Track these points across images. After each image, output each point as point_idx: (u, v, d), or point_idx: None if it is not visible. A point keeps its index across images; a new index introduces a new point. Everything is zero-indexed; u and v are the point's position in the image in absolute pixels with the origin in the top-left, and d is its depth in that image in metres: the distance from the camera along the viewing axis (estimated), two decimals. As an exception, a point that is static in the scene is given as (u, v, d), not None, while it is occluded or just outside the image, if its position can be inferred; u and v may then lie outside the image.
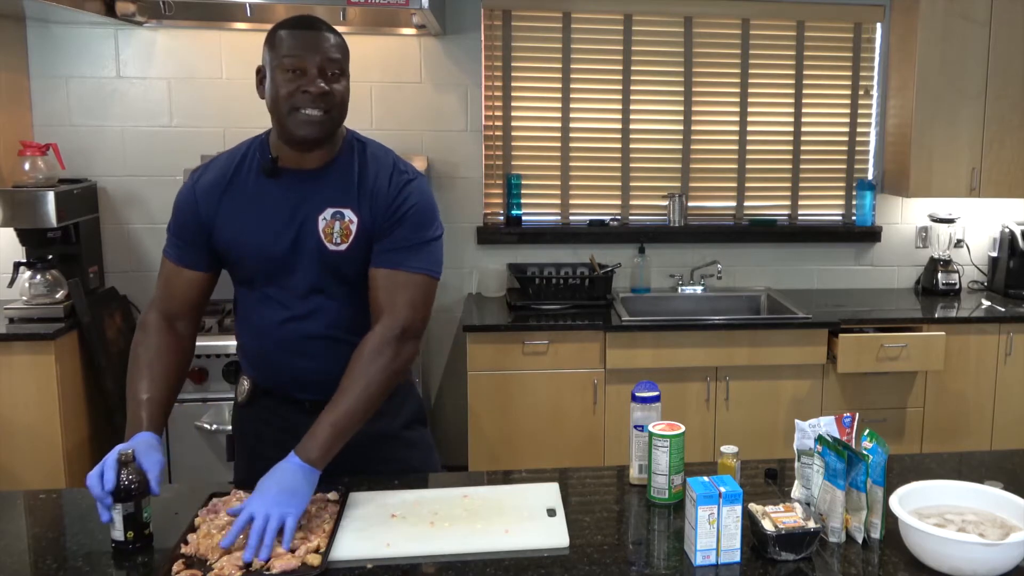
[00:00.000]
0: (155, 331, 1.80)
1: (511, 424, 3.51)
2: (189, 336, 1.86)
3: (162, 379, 1.76)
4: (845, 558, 1.51)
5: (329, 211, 1.74)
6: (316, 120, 1.67)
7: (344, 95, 1.72)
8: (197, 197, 1.80)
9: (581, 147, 4.04)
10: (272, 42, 1.69)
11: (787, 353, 3.57)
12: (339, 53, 1.70)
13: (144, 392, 1.72)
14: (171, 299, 1.83)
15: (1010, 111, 3.87)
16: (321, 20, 1.70)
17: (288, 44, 1.66)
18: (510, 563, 1.48)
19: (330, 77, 1.68)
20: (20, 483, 3.12)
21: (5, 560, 1.50)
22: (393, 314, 1.72)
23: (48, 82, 3.63)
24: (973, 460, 2.01)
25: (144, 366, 1.76)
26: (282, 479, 1.55)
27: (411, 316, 1.73)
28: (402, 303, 1.73)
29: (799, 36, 4.09)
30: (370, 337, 1.71)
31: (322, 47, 1.67)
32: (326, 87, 1.67)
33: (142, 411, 1.69)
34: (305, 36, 1.66)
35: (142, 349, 1.78)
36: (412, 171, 1.81)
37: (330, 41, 1.68)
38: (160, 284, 1.85)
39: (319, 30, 1.68)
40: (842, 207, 4.24)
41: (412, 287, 1.74)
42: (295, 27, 1.67)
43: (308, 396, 1.82)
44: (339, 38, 1.71)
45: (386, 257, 1.74)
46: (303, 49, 1.66)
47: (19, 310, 3.25)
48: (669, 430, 1.69)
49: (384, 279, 1.74)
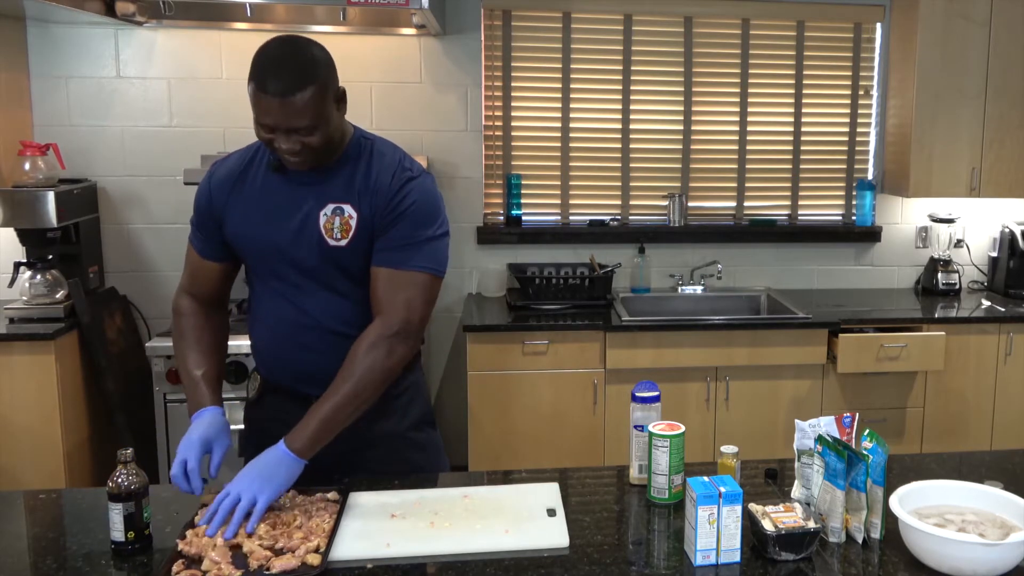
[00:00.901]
0: (191, 312, 1.89)
1: (511, 424, 3.51)
2: (221, 317, 1.95)
3: (212, 352, 1.85)
4: (845, 558, 1.52)
5: (330, 207, 1.76)
6: (298, 161, 1.71)
7: (322, 139, 1.69)
8: (211, 191, 1.85)
9: (581, 147, 4.04)
10: (249, 85, 1.64)
11: (787, 353, 3.57)
12: (308, 116, 1.63)
13: (198, 368, 1.81)
14: (198, 286, 1.91)
15: (1010, 111, 3.87)
16: (294, 76, 1.61)
17: (260, 106, 1.63)
18: (510, 563, 1.48)
19: (303, 131, 1.65)
20: (20, 483, 3.12)
21: (5, 560, 1.50)
22: (390, 313, 1.73)
23: (48, 82, 3.63)
24: (973, 460, 2.01)
25: (193, 342, 1.85)
26: (264, 464, 1.61)
27: (407, 316, 1.74)
28: (400, 302, 1.74)
29: (799, 36, 4.09)
30: (366, 334, 1.73)
31: (289, 116, 1.62)
32: (298, 145, 1.66)
33: (201, 385, 1.79)
34: (273, 104, 1.61)
35: (186, 328, 1.87)
36: (417, 169, 1.81)
37: (297, 106, 1.61)
38: (187, 271, 1.92)
39: (287, 96, 1.60)
40: (842, 207, 4.25)
41: (411, 286, 1.75)
42: (265, 90, 1.60)
43: (314, 392, 1.83)
44: (310, 93, 1.62)
45: (387, 256, 1.75)
46: (272, 117, 1.63)
47: (19, 310, 3.25)
48: (669, 430, 1.69)
49: (384, 278, 1.75)
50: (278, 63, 1.63)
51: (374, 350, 1.70)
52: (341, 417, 1.67)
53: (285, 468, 1.61)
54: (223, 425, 1.74)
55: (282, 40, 1.68)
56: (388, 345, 1.71)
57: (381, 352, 1.70)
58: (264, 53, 1.65)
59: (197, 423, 1.72)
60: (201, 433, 1.69)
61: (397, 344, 1.72)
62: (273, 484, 1.58)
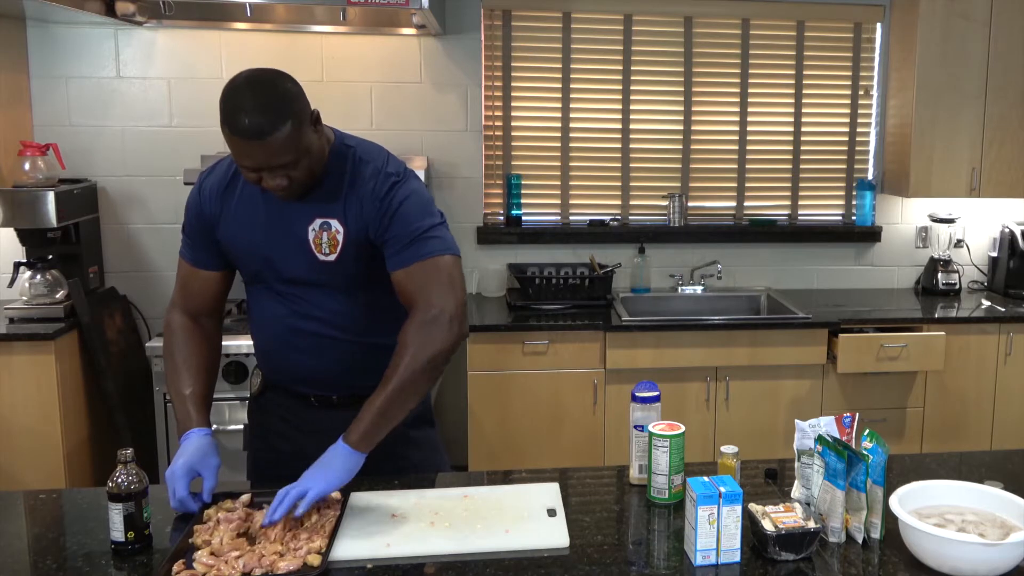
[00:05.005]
0: (182, 328, 1.87)
1: (511, 424, 3.51)
2: (215, 329, 1.93)
3: (200, 372, 1.83)
4: (845, 558, 1.52)
5: (317, 221, 1.75)
6: (286, 195, 1.70)
7: (307, 168, 1.68)
8: (202, 198, 1.84)
9: (581, 147, 4.04)
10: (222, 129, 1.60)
11: (787, 353, 3.57)
12: (290, 152, 1.61)
13: (186, 387, 1.80)
14: (191, 298, 1.89)
15: (1010, 111, 3.87)
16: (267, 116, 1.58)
17: (238, 150, 1.61)
18: (510, 563, 1.48)
19: (288, 166, 1.64)
20: (20, 483, 3.12)
21: (5, 560, 1.50)
22: (424, 301, 1.72)
23: (48, 82, 3.63)
24: (973, 460, 2.01)
25: (180, 362, 1.83)
26: (323, 458, 1.62)
27: (441, 298, 1.72)
28: (431, 289, 1.72)
29: (799, 36, 4.08)
30: (406, 325, 1.71)
31: (270, 156, 1.60)
32: (285, 180, 1.65)
33: (188, 406, 1.78)
34: (251, 147, 1.59)
35: (175, 348, 1.85)
36: (399, 170, 1.80)
37: (276, 146, 1.59)
38: (179, 284, 1.90)
39: (264, 138, 1.57)
40: (842, 207, 4.24)
41: (434, 272, 1.74)
42: (240, 135, 1.58)
43: (312, 391, 1.85)
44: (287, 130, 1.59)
45: (397, 258, 1.75)
46: (253, 159, 1.61)
47: (19, 310, 3.25)
48: (669, 430, 1.69)
49: (405, 278, 1.74)
50: (248, 105, 1.58)
51: (415, 340, 1.68)
52: (394, 408, 1.66)
53: (339, 459, 1.61)
54: (208, 447, 1.72)
55: (247, 79, 1.63)
56: (426, 332, 1.69)
57: (421, 339, 1.68)
58: (232, 96, 1.60)
59: (183, 448, 1.71)
60: (185, 461, 1.67)
61: (436, 329, 1.69)
62: (329, 474, 1.59)
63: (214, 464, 1.70)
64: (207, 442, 1.72)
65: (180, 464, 1.67)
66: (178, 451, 1.71)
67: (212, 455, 1.71)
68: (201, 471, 1.68)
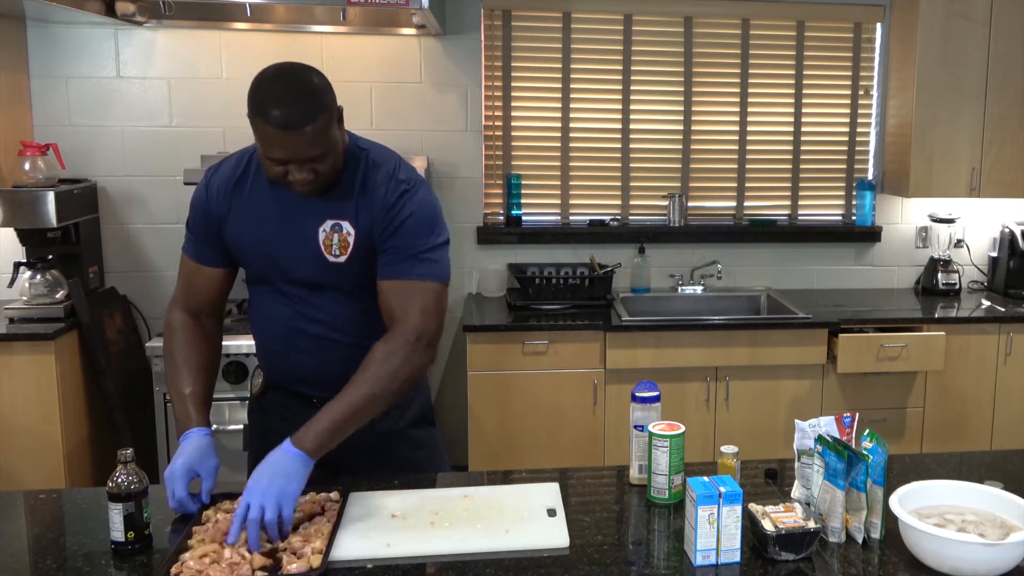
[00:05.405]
0: (182, 327, 1.86)
1: (511, 424, 3.51)
2: (215, 328, 1.92)
3: (200, 371, 1.82)
4: (845, 558, 1.51)
5: (328, 223, 1.75)
6: (309, 190, 1.69)
7: (332, 163, 1.68)
8: (209, 195, 1.83)
9: (581, 147, 4.04)
10: (253, 121, 1.60)
11: (787, 353, 3.57)
12: (320, 145, 1.63)
13: (186, 387, 1.79)
14: (192, 295, 1.88)
15: (1010, 111, 3.87)
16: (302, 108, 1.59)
17: (270, 142, 1.60)
18: (510, 563, 1.48)
19: (316, 160, 1.64)
20: (20, 483, 3.12)
21: (5, 560, 1.50)
22: (406, 321, 1.72)
23: (48, 82, 3.63)
24: (973, 460, 2.01)
25: (180, 362, 1.82)
26: (275, 467, 1.57)
27: (424, 322, 1.73)
28: (414, 310, 1.73)
29: (799, 36, 4.08)
30: (384, 341, 1.72)
31: (301, 148, 1.60)
32: (311, 175, 1.65)
33: (188, 405, 1.76)
34: (285, 138, 1.59)
35: (175, 347, 1.84)
36: (412, 179, 1.79)
37: (308, 138, 1.60)
38: (181, 281, 1.89)
39: (299, 129, 1.58)
40: (842, 207, 4.24)
41: (421, 295, 1.74)
42: (275, 125, 1.57)
43: (313, 392, 1.85)
44: (321, 122, 1.61)
45: (391, 269, 1.75)
46: (284, 151, 1.61)
47: (19, 310, 3.25)
48: (669, 430, 1.69)
49: (392, 290, 1.74)
50: (282, 96, 1.59)
51: (393, 358, 1.69)
52: (352, 421, 1.65)
53: (295, 467, 1.57)
54: (207, 447, 1.71)
55: (280, 70, 1.64)
56: (406, 353, 1.70)
57: (399, 359, 1.69)
58: (265, 87, 1.60)
59: (182, 448, 1.71)
60: (184, 462, 1.66)
61: (414, 354, 1.71)
62: (292, 486, 1.55)
63: (212, 465, 1.69)
64: (206, 442, 1.72)
65: (179, 465, 1.66)
66: (177, 451, 1.71)
67: (211, 456, 1.70)
68: (199, 472, 1.67)
